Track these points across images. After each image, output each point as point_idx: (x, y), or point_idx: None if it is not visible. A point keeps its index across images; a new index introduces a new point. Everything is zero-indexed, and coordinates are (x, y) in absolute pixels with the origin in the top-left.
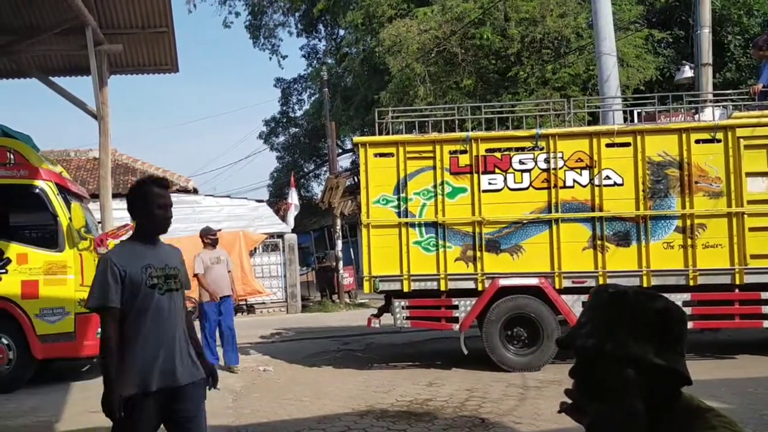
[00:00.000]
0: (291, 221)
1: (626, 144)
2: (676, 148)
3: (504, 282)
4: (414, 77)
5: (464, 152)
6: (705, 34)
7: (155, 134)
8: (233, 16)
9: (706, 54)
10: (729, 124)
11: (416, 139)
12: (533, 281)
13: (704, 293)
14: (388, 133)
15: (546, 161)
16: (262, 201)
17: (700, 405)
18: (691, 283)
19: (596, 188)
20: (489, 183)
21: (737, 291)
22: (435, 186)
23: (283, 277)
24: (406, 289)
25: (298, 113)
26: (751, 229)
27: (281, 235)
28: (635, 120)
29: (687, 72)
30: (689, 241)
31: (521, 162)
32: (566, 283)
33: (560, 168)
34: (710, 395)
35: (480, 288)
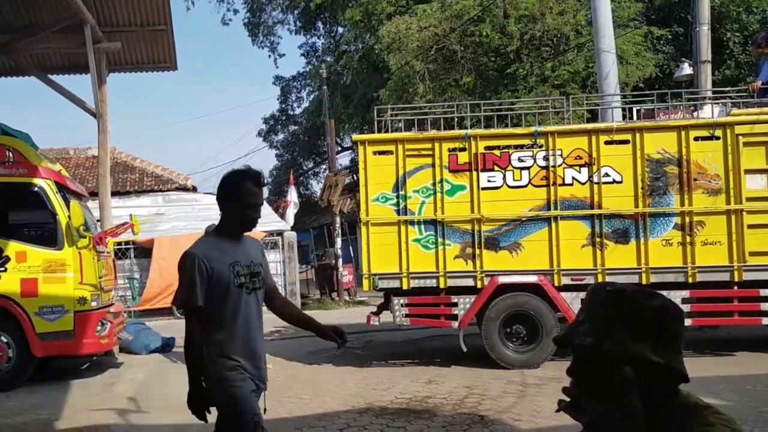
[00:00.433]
0: (290, 219)
1: (625, 141)
2: (675, 146)
3: (503, 279)
4: (413, 75)
5: (463, 150)
6: (704, 32)
7: (154, 132)
8: (231, 14)
9: (705, 51)
10: (728, 122)
11: (415, 137)
12: (532, 279)
13: (703, 290)
14: (387, 131)
15: (545, 159)
16: None
17: (698, 402)
18: (690, 280)
19: (595, 185)
20: (488, 180)
21: (736, 288)
22: (434, 184)
23: (283, 275)
24: (406, 287)
25: (297, 111)
26: (750, 226)
27: (280, 233)
28: (634, 117)
29: (686, 69)
30: (688, 239)
31: (520, 159)
32: (565, 281)
33: (559, 165)
34: (709, 392)
35: (479, 285)
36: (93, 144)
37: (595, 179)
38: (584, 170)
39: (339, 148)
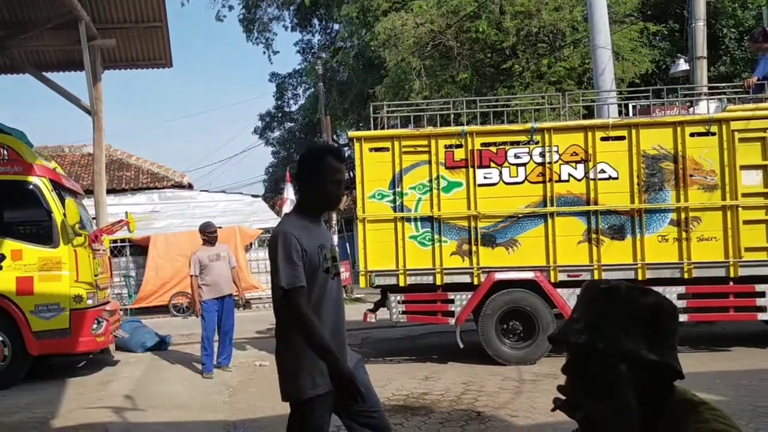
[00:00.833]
0: None
1: (621, 137)
2: (671, 142)
3: (499, 276)
4: (409, 71)
5: (459, 146)
6: (700, 27)
7: (150, 130)
8: (226, 10)
9: (701, 47)
10: (723, 117)
11: (411, 134)
12: (529, 275)
13: (699, 286)
14: (384, 128)
15: (541, 155)
16: (258, 196)
17: (693, 398)
18: (686, 276)
19: (591, 182)
20: (484, 177)
21: (732, 284)
22: (430, 180)
23: None
24: (402, 284)
25: (294, 108)
26: (746, 222)
27: None
28: (630, 113)
29: (682, 65)
30: (684, 234)
31: (516, 156)
32: (561, 277)
33: (555, 162)
34: (705, 388)
35: (476, 282)
36: (88, 141)
37: (591, 175)
38: (580, 166)
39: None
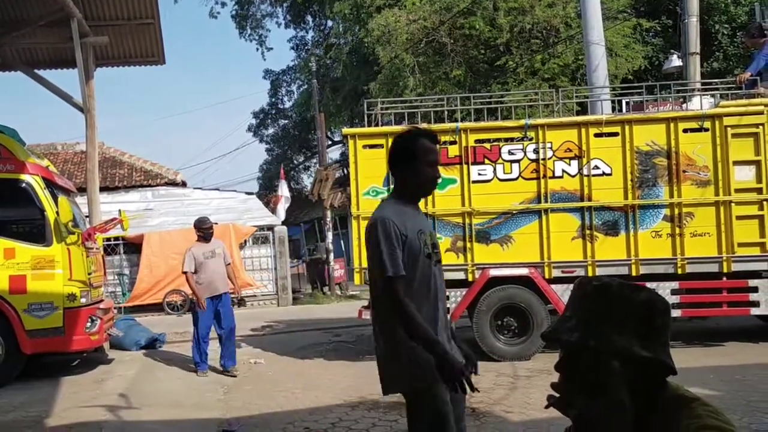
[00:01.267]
0: (282, 213)
1: (614, 134)
2: (664, 138)
3: (494, 272)
4: (403, 68)
5: (453, 143)
6: (693, 23)
7: (143, 127)
8: (219, 7)
9: (694, 43)
10: (716, 113)
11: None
12: (523, 271)
13: (692, 281)
14: (378, 125)
15: (535, 151)
16: (252, 193)
17: (686, 394)
18: (680, 272)
19: (585, 178)
20: (478, 174)
21: (725, 279)
22: None
23: (274, 270)
24: None
25: (288, 105)
26: (739, 218)
27: (271, 228)
28: (623, 109)
29: (675, 61)
30: (677, 230)
31: (510, 152)
32: (556, 273)
33: (549, 158)
34: (699, 382)
35: (470, 278)
36: (81, 139)
37: (585, 172)
38: (574, 163)
39: (329, 142)
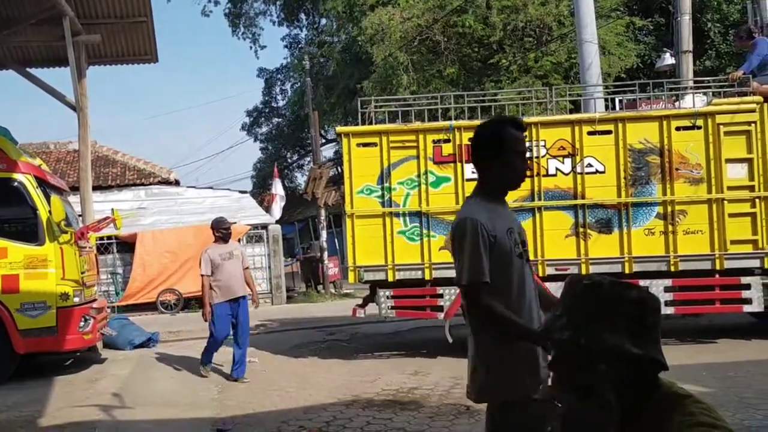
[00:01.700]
0: (277, 212)
1: (608, 132)
2: (657, 136)
3: None
4: (397, 66)
5: (447, 141)
6: (685, 22)
7: (136, 126)
8: (212, 5)
9: (687, 41)
10: (709, 111)
11: (399, 129)
12: None
13: (685, 279)
14: (371, 123)
15: (528, 149)
16: (246, 192)
17: (679, 392)
18: (672, 269)
19: (578, 176)
20: (472, 172)
21: (717, 276)
22: (418, 175)
23: (268, 269)
24: (391, 279)
25: (281, 103)
26: (731, 215)
27: (265, 227)
28: (616, 108)
29: (668, 59)
30: (670, 228)
31: None
32: (549, 271)
33: (543, 156)
34: (692, 379)
35: None
36: (73, 138)
37: (578, 169)
38: (567, 161)
39: (323, 141)
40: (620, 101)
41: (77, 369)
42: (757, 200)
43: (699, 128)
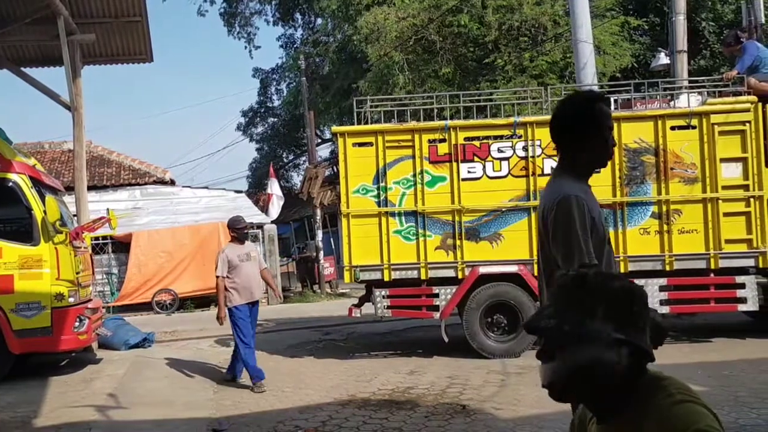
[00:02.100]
0: (275, 212)
1: None
2: (652, 135)
3: (484, 270)
4: (393, 65)
5: (443, 141)
6: (680, 21)
7: (131, 125)
8: (208, 4)
9: (681, 41)
10: (704, 111)
11: (395, 128)
12: (513, 269)
13: (680, 278)
14: (367, 123)
15: (524, 149)
16: (241, 192)
17: (658, 375)
18: (668, 268)
19: None
20: (468, 171)
21: (712, 275)
22: (414, 175)
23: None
24: (387, 279)
25: (277, 103)
26: (726, 214)
27: (261, 226)
28: (611, 107)
29: (662, 59)
30: (665, 227)
31: (500, 150)
32: None
33: (538, 156)
34: (686, 378)
35: (460, 276)
36: (68, 137)
37: None
38: None
39: (319, 140)
40: (615, 101)
41: (72, 369)
42: (752, 199)
43: (694, 128)
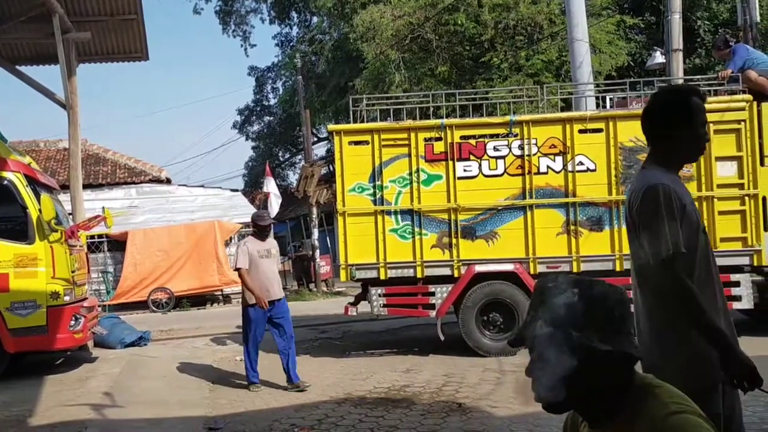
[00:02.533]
0: (274, 210)
1: (599, 130)
2: None
3: (480, 268)
4: (389, 64)
5: (439, 139)
6: (676, 20)
7: (126, 124)
8: (203, 2)
9: (677, 40)
10: None
11: (391, 127)
12: (508, 267)
13: None
14: (363, 121)
15: (520, 148)
16: (237, 190)
17: (651, 382)
18: None
19: (570, 174)
20: (464, 170)
21: None
22: (410, 173)
23: None
24: (383, 277)
25: (273, 101)
26: (721, 213)
27: None
28: (607, 106)
29: (658, 58)
30: None
31: (496, 149)
32: (541, 269)
33: (534, 154)
34: None
35: (456, 274)
36: (64, 136)
37: (570, 168)
38: (559, 159)
39: (315, 139)
40: (611, 99)
41: (68, 368)
42: (747, 198)
43: None
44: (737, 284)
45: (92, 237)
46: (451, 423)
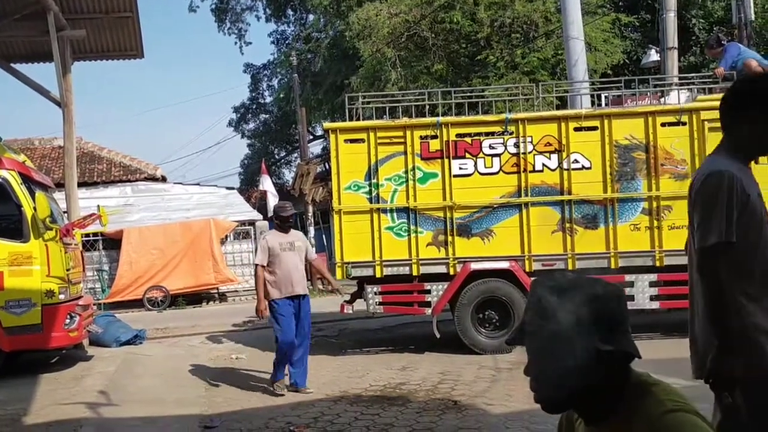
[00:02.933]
0: (270, 208)
1: (594, 128)
2: (643, 132)
3: (475, 266)
4: (385, 62)
5: (435, 137)
6: (671, 18)
7: (122, 121)
8: (199, 0)
9: (672, 38)
10: (694, 107)
11: (387, 125)
12: (504, 265)
13: (670, 274)
14: (359, 119)
15: (515, 146)
16: (233, 188)
17: (648, 380)
18: (658, 264)
19: (565, 172)
20: (460, 168)
21: None
22: (406, 171)
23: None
24: (379, 275)
25: (268, 99)
26: None
27: (252, 223)
28: (603, 104)
29: (653, 56)
30: (656, 223)
31: (491, 147)
32: (536, 266)
33: (529, 152)
34: (676, 373)
35: (452, 272)
36: (58, 134)
37: (565, 165)
38: (554, 157)
39: (311, 137)
40: (606, 97)
41: (63, 366)
42: None
43: (684, 124)
44: None
45: (87, 235)
46: (447, 421)
